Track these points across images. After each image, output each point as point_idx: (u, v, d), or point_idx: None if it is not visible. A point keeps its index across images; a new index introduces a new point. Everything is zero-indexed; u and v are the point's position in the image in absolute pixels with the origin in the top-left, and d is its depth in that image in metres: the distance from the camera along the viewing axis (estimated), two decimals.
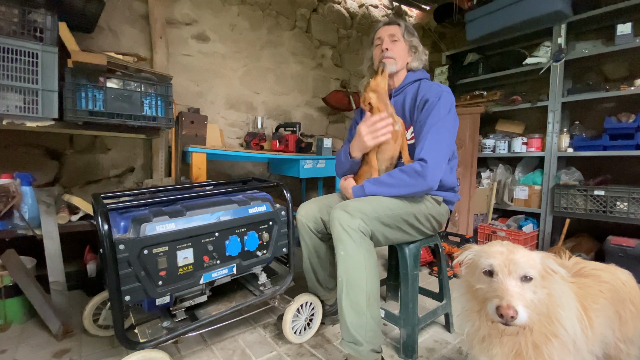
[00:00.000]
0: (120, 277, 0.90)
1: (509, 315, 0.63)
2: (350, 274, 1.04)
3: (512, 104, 2.51)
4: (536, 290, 0.67)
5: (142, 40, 2.04)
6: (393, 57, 1.28)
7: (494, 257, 0.69)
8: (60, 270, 1.34)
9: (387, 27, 1.32)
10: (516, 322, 0.64)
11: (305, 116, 2.95)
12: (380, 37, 1.32)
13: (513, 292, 0.65)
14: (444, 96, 1.19)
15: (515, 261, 0.67)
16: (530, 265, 0.67)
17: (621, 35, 2.00)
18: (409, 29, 1.33)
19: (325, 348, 1.26)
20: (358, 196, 1.20)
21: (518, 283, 0.66)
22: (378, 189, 1.17)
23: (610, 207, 1.97)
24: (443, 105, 1.17)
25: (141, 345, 0.95)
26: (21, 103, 1.28)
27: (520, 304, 0.64)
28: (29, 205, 1.39)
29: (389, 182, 1.16)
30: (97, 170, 1.95)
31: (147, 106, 1.57)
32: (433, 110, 1.17)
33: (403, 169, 1.15)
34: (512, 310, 0.63)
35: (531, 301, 0.66)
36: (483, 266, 0.70)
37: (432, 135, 1.14)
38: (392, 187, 1.15)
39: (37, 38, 1.32)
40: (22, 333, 1.30)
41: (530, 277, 0.67)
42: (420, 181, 1.11)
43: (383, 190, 1.16)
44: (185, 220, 1.04)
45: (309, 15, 2.89)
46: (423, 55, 1.35)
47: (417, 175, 1.11)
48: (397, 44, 1.30)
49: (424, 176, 1.11)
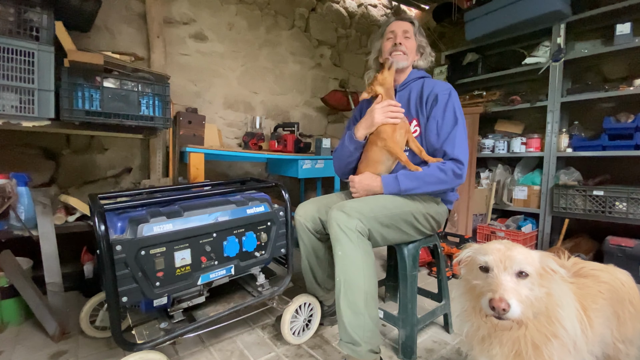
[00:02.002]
0: (117, 278, 0.89)
1: (500, 308, 0.63)
2: (348, 274, 1.04)
3: (511, 104, 2.51)
4: (533, 288, 0.67)
5: (139, 40, 2.03)
6: (406, 52, 1.29)
7: (491, 253, 0.70)
8: (57, 271, 1.33)
9: (401, 22, 1.33)
10: (508, 316, 0.64)
11: (304, 116, 2.94)
12: (394, 32, 1.32)
13: (506, 286, 0.65)
14: (453, 93, 1.23)
15: (511, 257, 0.67)
16: (526, 261, 0.67)
17: (620, 35, 2.00)
18: (421, 30, 1.35)
19: (324, 349, 1.26)
20: (390, 188, 1.19)
21: (513, 278, 0.67)
22: (413, 183, 1.16)
23: (609, 208, 1.97)
24: (457, 103, 1.22)
25: (138, 347, 0.94)
26: (17, 103, 1.27)
27: (513, 297, 0.64)
28: (25, 205, 1.37)
29: (427, 179, 1.16)
30: (94, 171, 1.94)
31: (144, 106, 1.56)
32: (448, 108, 1.20)
33: (442, 168, 1.15)
34: (504, 303, 0.63)
35: (526, 297, 0.66)
36: (479, 262, 0.71)
37: (460, 135, 1.17)
38: (429, 185, 1.16)
39: (33, 37, 1.32)
40: (19, 334, 1.29)
41: (527, 274, 0.67)
42: (457, 181, 1.16)
43: (419, 186, 1.16)
44: (183, 221, 1.03)
45: (307, 15, 2.88)
46: (429, 56, 1.38)
47: (455, 176, 1.14)
48: (409, 41, 1.31)
49: (461, 177, 1.15)
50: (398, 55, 1.28)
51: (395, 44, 1.29)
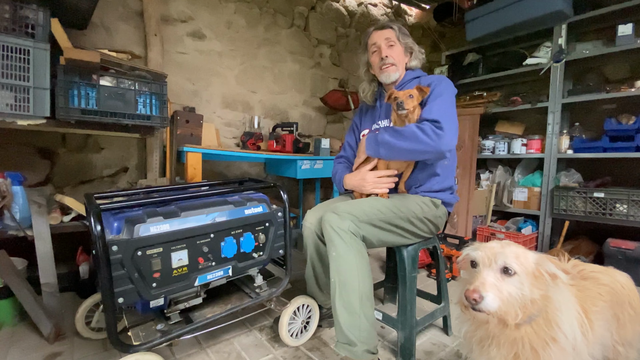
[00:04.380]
0: (113, 279, 0.89)
1: (471, 297, 0.66)
2: (342, 275, 1.05)
3: (512, 105, 2.51)
4: (522, 288, 0.67)
5: (136, 38, 2.01)
6: (394, 62, 1.28)
7: (481, 249, 0.71)
8: (52, 272, 1.32)
9: (381, 31, 1.30)
10: (481, 307, 0.65)
11: (303, 116, 2.93)
12: (376, 44, 1.29)
13: (485, 280, 0.67)
14: (447, 80, 1.21)
15: (497, 254, 0.69)
16: (515, 260, 0.68)
17: (622, 36, 1.99)
18: (402, 30, 1.31)
19: (322, 351, 1.25)
20: (371, 146, 1.18)
21: (496, 274, 0.68)
22: (391, 138, 1.11)
23: (609, 210, 1.97)
24: (446, 85, 1.19)
25: (135, 349, 0.94)
26: (12, 101, 1.26)
27: (489, 291, 0.66)
28: (20, 205, 1.36)
29: (405, 134, 1.08)
30: (90, 170, 1.93)
31: (141, 105, 1.55)
32: (437, 87, 1.17)
33: (419, 127, 1.07)
34: (477, 294, 0.65)
35: (509, 294, 0.66)
36: (470, 257, 0.73)
37: (439, 103, 1.12)
38: (407, 140, 1.08)
39: (29, 34, 1.30)
40: (13, 336, 1.28)
41: (514, 272, 0.67)
42: (438, 142, 1.04)
43: (396, 141, 1.10)
44: (180, 221, 1.02)
45: (307, 13, 2.87)
46: (420, 54, 1.34)
47: (436, 135, 1.04)
48: (395, 49, 1.29)
49: (441, 137, 1.04)
50: (387, 68, 1.27)
51: (382, 58, 1.27)
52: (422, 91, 1.15)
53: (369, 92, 1.40)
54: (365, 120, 1.43)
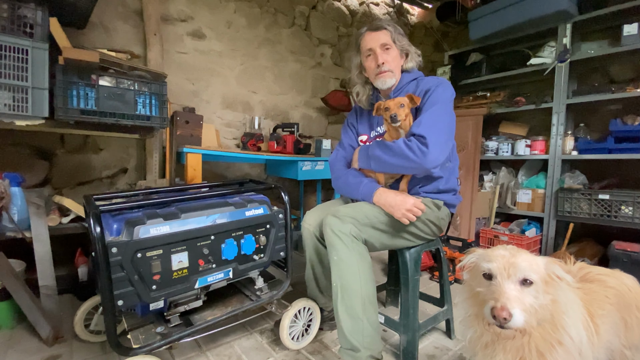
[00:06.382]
0: (112, 281, 0.89)
1: (501, 317, 0.62)
2: (344, 279, 1.04)
3: (516, 106, 2.49)
4: (538, 296, 0.66)
5: (135, 37, 1.99)
6: (391, 68, 1.23)
7: (495, 260, 0.69)
8: (51, 274, 1.31)
9: (376, 34, 1.23)
10: (510, 325, 0.63)
11: (304, 116, 2.91)
12: (372, 49, 1.23)
13: (510, 295, 0.64)
14: (444, 83, 1.18)
15: (516, 264, 0.67)
16: (531, 269, 0.66)
17: (628, 35, 1.97)
18: (398, 30, 1.25)
19: (324, 354, 1.24)
20: (363, 159, 1.19)
21: (517, 287, 0.66)
22: (382, 153, 1.12)
23: (614, 212, 1.95)
24: (442, 91, 1.15)
25: (134, 351, 0.94)
26: (10, 101, 1.25)
27: (516, 307, 0.63)
28: (18, 206, 1.35)
29: (394, 149, 1.09)
30: (89, 171, 1.91)
31: (140, 105, 1.54)
32: (432, 94, 1.14)
33: (407, 143, 1.07)
34: (506, 312, 0.62)
35: (530, 306, 0.65)
36: (483, 269, 0.70)
37: (429, 115, 1.10)
38: (395, 156, 1.08)
39: (27, 34, 1.29)
40: (11, 338, 1.28)
41: (531, 282, 0.66)
42: (424, 159, 1.03)
43: (385, 157, 1.11)
44: (180, 223, 1.02)
45: (308, 13, 2.85)
46: (416, 56, 1.29)
47: (421, 152, 1.04)
48: (391, 53, 1.23)
49: (426, 155, 1.03)
50: (384, 74, 1.23)
51: (378, 65, 1.22)
52: (413, 100, 1.14)
53: (364, 96, 1.34)
54: (362, 124, 1.38)
